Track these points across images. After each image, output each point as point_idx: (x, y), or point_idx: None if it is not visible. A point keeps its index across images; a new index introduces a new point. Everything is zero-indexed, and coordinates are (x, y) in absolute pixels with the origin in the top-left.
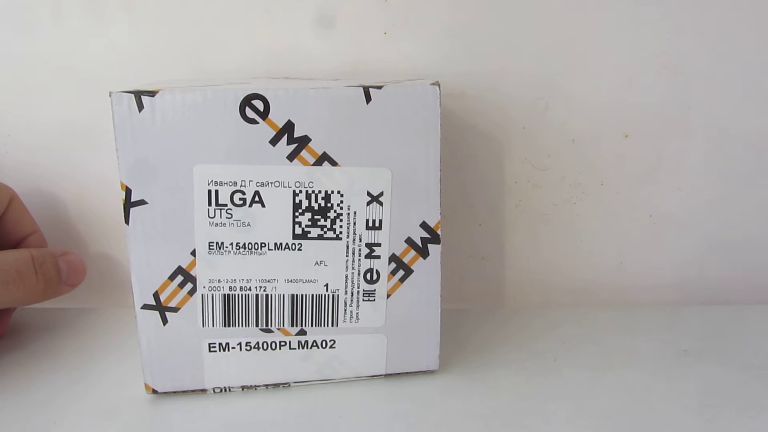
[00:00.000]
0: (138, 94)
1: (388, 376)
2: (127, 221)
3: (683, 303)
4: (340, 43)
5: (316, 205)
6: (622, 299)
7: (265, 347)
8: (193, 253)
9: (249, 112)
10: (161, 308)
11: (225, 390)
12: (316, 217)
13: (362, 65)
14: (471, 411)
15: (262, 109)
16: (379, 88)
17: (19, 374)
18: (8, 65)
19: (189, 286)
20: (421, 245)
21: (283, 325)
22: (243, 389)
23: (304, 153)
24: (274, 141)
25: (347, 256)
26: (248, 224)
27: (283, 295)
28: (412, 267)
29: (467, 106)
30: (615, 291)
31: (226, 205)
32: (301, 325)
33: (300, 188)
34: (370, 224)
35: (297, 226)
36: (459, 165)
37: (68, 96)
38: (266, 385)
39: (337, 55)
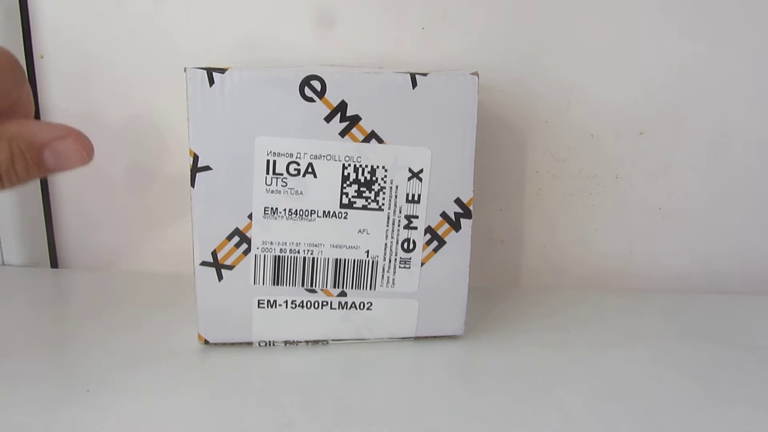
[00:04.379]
0: (210, 71)
1: (417, 338)
2: (192, 184)
3: (688, 292)
4: (381, 37)
5: (363, 178)
6: (631, 287)
7: (308, 306)
8: (250, 216)
9: (307, 92)
10: (218, 266)
11: (269, 344)
12: (361, 189)
13: (401, 57)
14: (495, 369)
15: (319, 89)
16: (425, 75)
17: (87, 326)
18: (80, 50)
19: (244, 246)
20: (454, 219)
21: (327, 287)
22: (285, 344)
23: (354, 130)
24: (328, 118)
25: (387, 226)
26: (301, 193)
27: (328, 258)
28: (445, 239)
29: (495, 99)
30: (624, 279)
31: (282, 175)
32: (343, 287)
33: (349, 162)
34: (410, 198)
35: (344, 196)
36: (484, 154)
37: (128, 73)
38: (307, 342)
39: (379, 48)
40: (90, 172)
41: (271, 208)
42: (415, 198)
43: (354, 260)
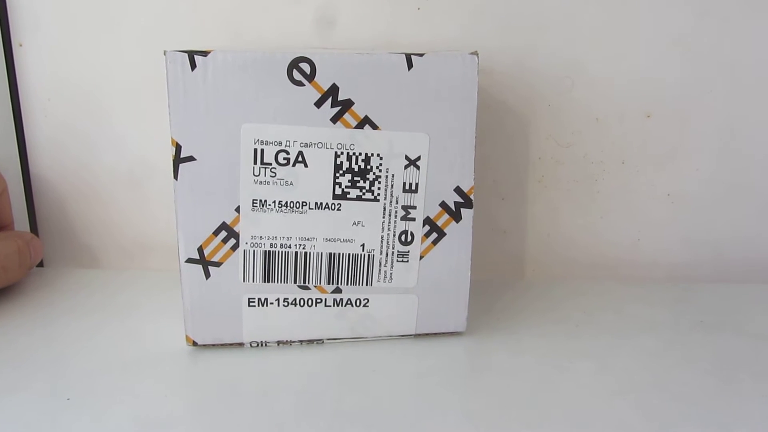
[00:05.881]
0: (191, 54)
1: (417, 336)
2: (176, 176)
3: (698, 281)
4: (375, 17)
5: (357, 167)
6: (639, 276)
7: (301, 304)
8: (238, 209)
9: (296, 75)
10: (205, 262)
11: (261, 344)
12: (355, 178)
13: (396, 39)
14: (499, 366)
15: (308, 72)
16: (421, 55)
17: (70, 327)
18: (59, 38)
19: (232, 241)
20: (454, 209)
21: (320, 283)
22: (278, 344)
23: (346, 116)
24: (318, 103)
25: (384, 217)
26: (291, 183)
27: (321, 253)
28: (445, 230)
29: (495, 82)
30: (632, 267)
31: (270, 164)
32: (337, 284)
33: (342, 150)
34: (407, 187)
35: (337, 186)
36: (485, 140)
37: (110, 60)
38: (301, 341)
39: (372, 29)
40: (73, 166)
41: (260, 201)
42: (413, 187)
43: (349, 254)
